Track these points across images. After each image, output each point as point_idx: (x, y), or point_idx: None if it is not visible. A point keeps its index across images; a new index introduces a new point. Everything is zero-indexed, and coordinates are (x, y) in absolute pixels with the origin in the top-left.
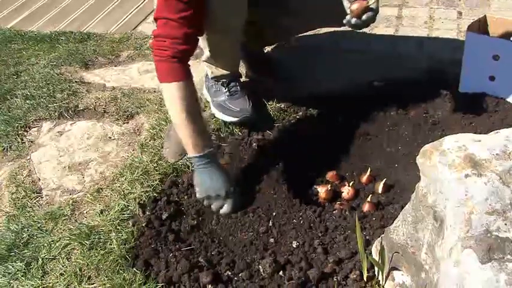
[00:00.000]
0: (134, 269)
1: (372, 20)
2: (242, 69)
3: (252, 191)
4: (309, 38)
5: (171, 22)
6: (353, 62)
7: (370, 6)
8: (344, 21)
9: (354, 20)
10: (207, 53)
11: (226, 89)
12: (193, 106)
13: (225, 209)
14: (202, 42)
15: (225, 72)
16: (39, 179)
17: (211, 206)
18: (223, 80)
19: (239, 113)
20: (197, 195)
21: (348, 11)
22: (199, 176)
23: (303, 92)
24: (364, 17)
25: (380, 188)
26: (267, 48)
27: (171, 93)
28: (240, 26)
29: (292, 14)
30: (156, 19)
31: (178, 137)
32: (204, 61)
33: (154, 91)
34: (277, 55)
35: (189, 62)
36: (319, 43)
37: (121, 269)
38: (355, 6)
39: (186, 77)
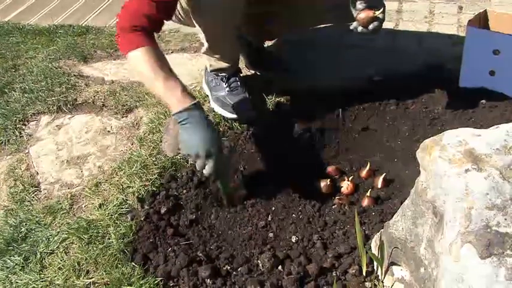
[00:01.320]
0: (133, 263)
1: (378, 29)
2: (242, 64)
3: (251, 185)
4: (309, 32)
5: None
6: (353, 56)
7: (378, 16)
8: (351, 28)
9: (360, 29)
10: (205, 45)
11: (226, 84)
12: (162, 66)
13: (207, 169)
14: (201, 34)
15: (224, 65)
16: (38, 173)
17: (196, 165)
18: (223, 75)
19: (239, 110)
20: (182, 153)
21: (355, 16)
22: (181, 133)
23: (302, 86)
24: (370, 26)
25: (379, 182)
26: (267, 43)
27: (135, 59)
28: (235, 16)
29: (294, 13)
30: None
31: (177, 130)
32: (203, 53)
33: None
34: (277, 49)
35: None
36: (319, 37)
37: (119, 263)
38: (362, 15)
39: (149, 43)
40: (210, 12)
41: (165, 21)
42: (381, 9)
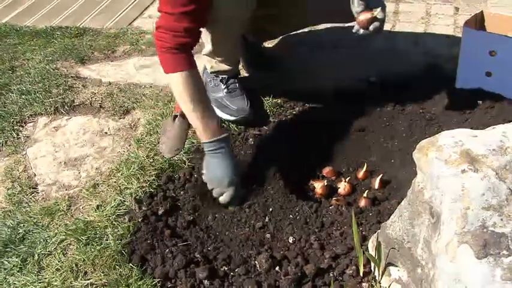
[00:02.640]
0: (130, 264)
1: (379, 29)
2: (240, 65)
3: (249, 186)
4: (306, 33)
5: (172, 16)
6: (349, 57)
7: (377, 17)
8: (353, 31)
9: (361, 31)
10: (208, 47)
11: (225, 86)
12: (199, 94)
13: (225, 197)
14: (204, 36)
15: (225, 67)
16: (35, 175)
17: (213, 192)
18: (223, 77)
19: (236, 112)
20: (203, 178)
21: (356, 19)
22: (207, 161)
23: (299, 87)
24: (371, 27)
25: (376, 183)
26: (267, 43)
27: (177, 83)
28: (245, 21)
29: (295, 12)
30: (159, 11)
31: (175, 132)
32: (204, 55)
33: (151, 86)
34: (275, 50)
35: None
36: (316, 38)
37: (117, 265)
38: (361, 17)
39: (189, 66)
40: (222, 21)
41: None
42: (379, 9)
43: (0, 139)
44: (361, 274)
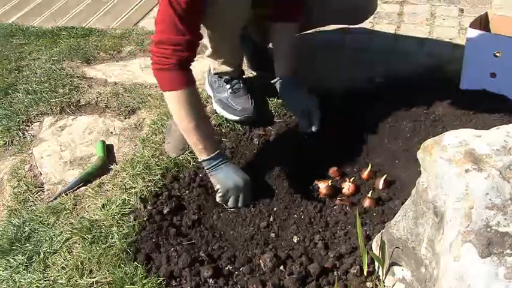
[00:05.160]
0: (135, 263)
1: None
2: (244, 66)
3: (253, 186)
4: (311, 34)
5: (172, 29)
6: (354, 58)
7: None
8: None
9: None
10: (210, 49)
11: (229, 86)
12: (199, 112)
13: (242, 199)
14: (205, 39)
15: (228, 69)
16: (41, 174)
17: (230, 201)
18: (226, 77)
19: (241, 112)
20: (218, 196)
21: None
22: (217, 177)
23: None
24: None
25: (380, 184)
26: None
27: (176, 101)
28: (241, 21)
29: (308, 12)
30: (157, 24)
31: (180, 132)
32: (207, 56)
33: (156, 86)
34: None
35: (191, 68)
36: (321, 39)
37: (122, 263)
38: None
39: (189, 83)
40: (215, 18)
41: (199, 41)
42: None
43: (6, 138)
44: (365, 273)
